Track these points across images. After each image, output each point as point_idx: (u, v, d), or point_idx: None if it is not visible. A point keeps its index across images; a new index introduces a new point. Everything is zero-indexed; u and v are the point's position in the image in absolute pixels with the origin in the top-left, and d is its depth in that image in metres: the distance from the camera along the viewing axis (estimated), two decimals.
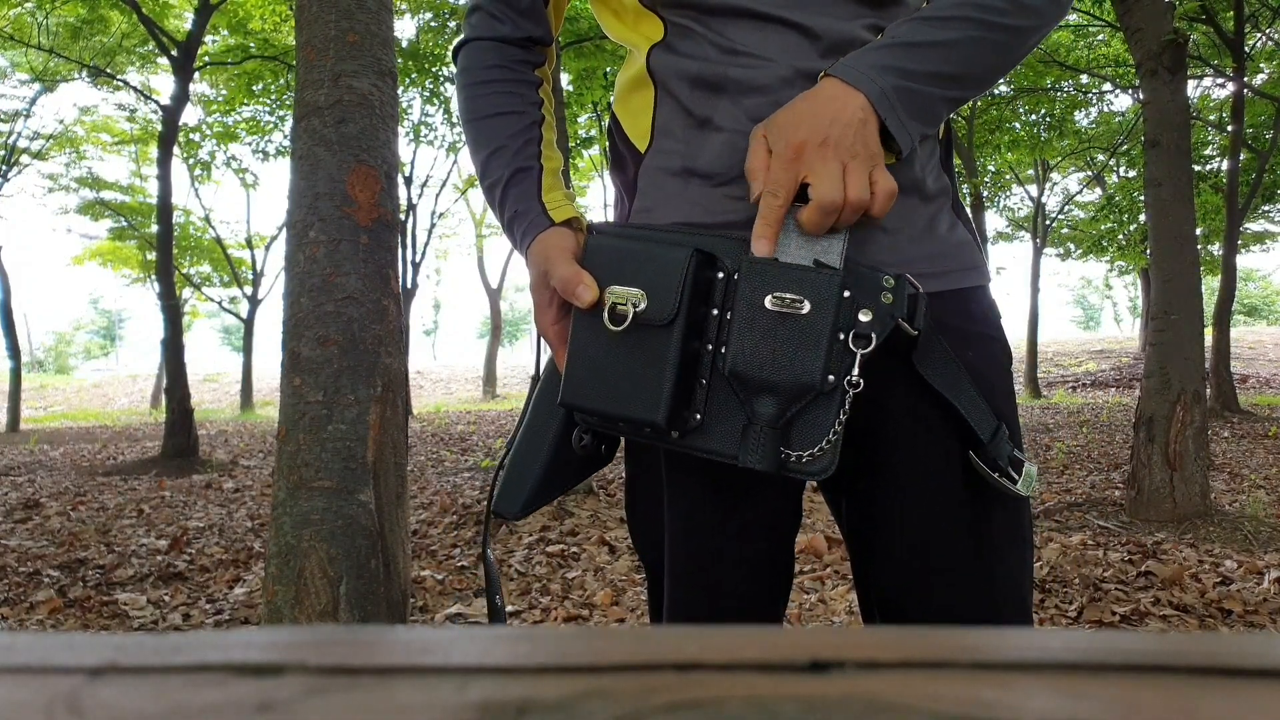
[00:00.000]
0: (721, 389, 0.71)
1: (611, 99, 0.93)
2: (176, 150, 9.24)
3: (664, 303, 0.69)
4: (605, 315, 0.71)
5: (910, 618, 0.80)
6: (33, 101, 13.20)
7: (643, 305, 0.70)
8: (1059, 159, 15.48)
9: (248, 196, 17.37)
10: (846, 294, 0.67)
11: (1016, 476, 0.75)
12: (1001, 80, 0.86)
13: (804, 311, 0.67)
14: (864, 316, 0.67)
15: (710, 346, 0.71)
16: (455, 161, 15.33)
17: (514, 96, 0.86)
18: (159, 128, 8.48)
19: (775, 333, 0.68)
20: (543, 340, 0.85)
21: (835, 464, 0.69)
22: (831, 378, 0.67)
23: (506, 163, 0.83)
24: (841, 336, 0.67)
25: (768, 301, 0.68)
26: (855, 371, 0.67)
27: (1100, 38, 11.91)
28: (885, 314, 0.67)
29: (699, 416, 0.71)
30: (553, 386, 0.82)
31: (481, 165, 0.86)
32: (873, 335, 0.67)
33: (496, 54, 0.87)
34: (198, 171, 14.23)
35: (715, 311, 0.71)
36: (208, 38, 10.45)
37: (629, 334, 0.70)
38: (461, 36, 0.90)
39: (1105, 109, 14.63)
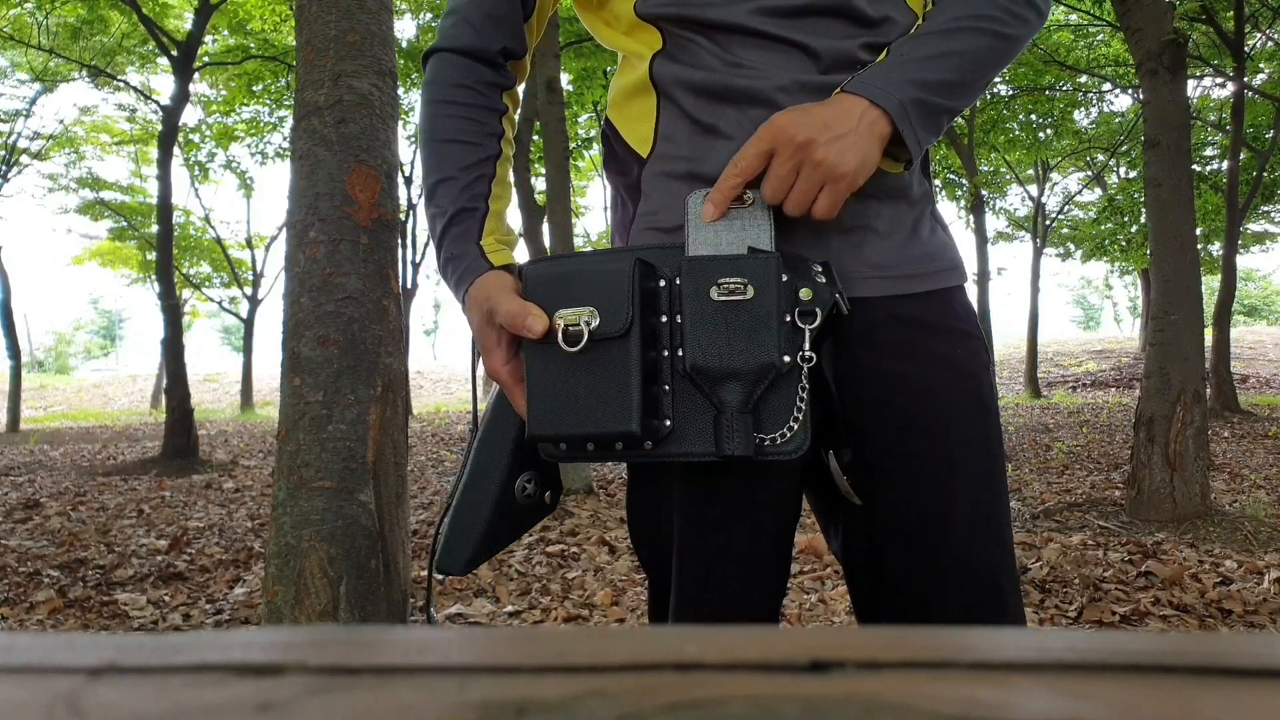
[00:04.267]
0: (685, 391, 0.72)
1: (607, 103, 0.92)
2: (176, 151, 9.24)
3: (617, 313, 0.70)
4: (559, 339, 0.71)
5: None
6: (33, 101, 13.20)
7: (596, 322, 0.70)
8: (1059, 159, 15.48)
9: (247, 197, 17.37)
10: (785, 277, 0.70)
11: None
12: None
13: (749, 296, 0.70)
14: (805, 295, 0.70)
15: (666, 353, 0.72)
16: None
17: (474, 124, 0.85)
18: (159, 128, 8.48)
19: (727, 321, 0.70)
20: (478, 391, 0.84)
21: (808, 442, 0.71)
22: (786, 358, 0.69)
23: (452, 198, 0.82)
24: (788, 318, 0.70)
25: (713, 292, 0.70)
26: (806, 347, 0.70)
27: (1100, 38, 11.90)
28: (825, 291, 0.70)
29: (669, 423, 0.72)
30: (494, 437, 0.81)
31: (429, 189, 0.85)
32: (817, 311, 0.70)
33: (465, 73, 0.85)
34: (196, 172, 14.24)
35: (664, 319, 0.72)
36: (208, 38, 10.45)
37: (586, 352, 0.71)
38: (434, 42, 0.89)
39: (1105, 109, 14.63)
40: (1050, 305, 69.32)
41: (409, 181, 14.03)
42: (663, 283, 0.72)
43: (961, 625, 0.50)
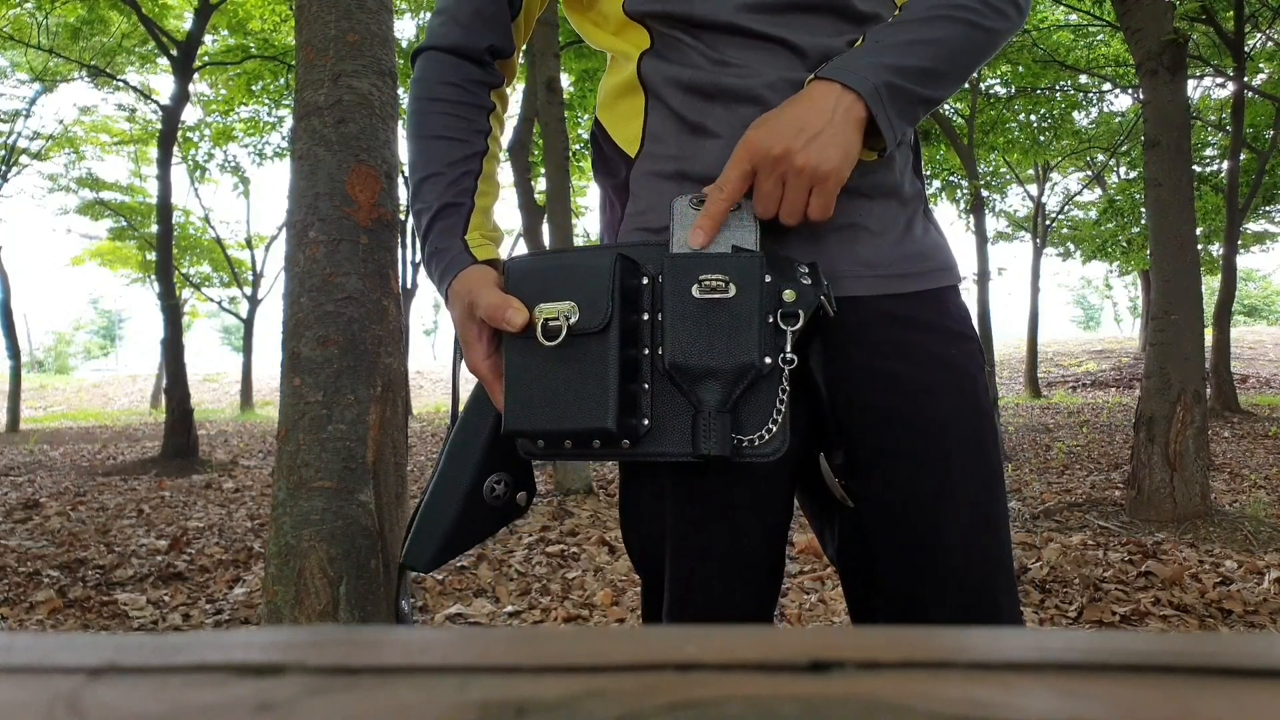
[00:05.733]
0: (665, 390, 0.71)
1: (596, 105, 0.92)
2: (175, 150, 9.24)
3: (596, 309, 0.70)
4: (539, 333, 0.71)
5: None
6: (33, 101, 13.20)
7: (575, 316, 0.70)
8: (1059, 159, 15.49)
9: (245, 197, 17.37)
10: (768, 278, 0.69)
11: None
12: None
13: (731, 295, 0.69)
14: (788, 296, 0.69)
15: (646, 351, 0.72)
16: None
17: (461, 121, 0.85)
18: (159, 128, 8.48)
19: (708, 319, 0.69)
20: (458, 388, 0.84)
21: (787, 444, 0.70)
22: (767, 359, 0.69)
23: (438, 194, 0.83)
24: (770, 319, 0.69)
25: (695, 290, 0.70)
26: (788, 349, 0.69)
27: (1100, 38, 11.89)
28: (809, 292, 0.70)
29: (647, 422, 0.72)
30: (467, 436, 0.81)
31: (415, 186, 0.85)
32: (800, 313, 0.69)
33: (453, 70, 0.86)
34: (195, 172, 14.24)
35: (645, 317, 0.72)
36: (208, 38, 10.45)
37: (565, 347, 0.71)
38: (423, 41, 0.89)
39: (1105, 109, 14.62)
40: (1050, 305, 69.42)
41: (409, 182, 14.01)
42: (645, 280, 0.72)
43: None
